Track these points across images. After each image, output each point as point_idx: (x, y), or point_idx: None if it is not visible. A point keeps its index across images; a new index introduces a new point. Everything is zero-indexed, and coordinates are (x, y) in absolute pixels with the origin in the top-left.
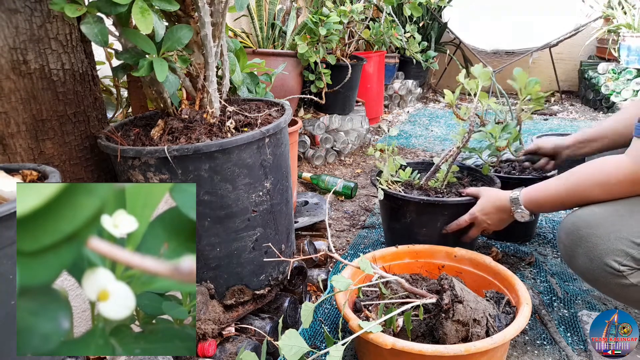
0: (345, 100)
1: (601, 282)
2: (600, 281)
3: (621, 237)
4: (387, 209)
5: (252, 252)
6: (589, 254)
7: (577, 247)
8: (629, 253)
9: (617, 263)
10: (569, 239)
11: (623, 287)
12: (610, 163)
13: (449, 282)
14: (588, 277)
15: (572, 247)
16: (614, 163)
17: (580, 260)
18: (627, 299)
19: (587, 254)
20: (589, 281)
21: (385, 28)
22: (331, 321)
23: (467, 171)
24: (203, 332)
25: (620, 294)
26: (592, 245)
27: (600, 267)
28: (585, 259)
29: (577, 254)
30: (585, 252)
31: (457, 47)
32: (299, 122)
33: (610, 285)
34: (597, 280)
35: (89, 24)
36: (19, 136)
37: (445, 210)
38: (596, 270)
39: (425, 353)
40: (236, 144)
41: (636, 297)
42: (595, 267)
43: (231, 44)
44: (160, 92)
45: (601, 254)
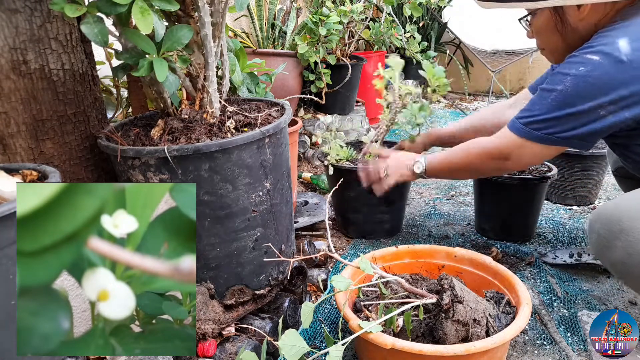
0: (345, 100)
1: (635, 276)
2: (634, 275)
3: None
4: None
5: (252, 252)
6: (628, 248)
7: (616, 239)
8: None
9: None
10: (606, 229)
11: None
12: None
13: (449, 282)
14: (621, 269)
15: (609, 238)
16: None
17: (617, 253)
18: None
19: (627, 247)
20: (620, 273)
21: (385, 28)
22: (331, 321)
23: (388, 145)
24: (203, 332)
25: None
26: (634, 240)
27: (639, 262)
28: (623, 252)
29: (614, 246)
30: (624, 246)
31: (457, 47)
32: (299, 122)
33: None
34: (632, 274)
35: (89, 24)
36: (19, 136)
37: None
38: (634, 265)
39: (425, 353)
40: (236, 144)
41: None
42: (634, 262)
43: (231, 44)
44: (160, 92)
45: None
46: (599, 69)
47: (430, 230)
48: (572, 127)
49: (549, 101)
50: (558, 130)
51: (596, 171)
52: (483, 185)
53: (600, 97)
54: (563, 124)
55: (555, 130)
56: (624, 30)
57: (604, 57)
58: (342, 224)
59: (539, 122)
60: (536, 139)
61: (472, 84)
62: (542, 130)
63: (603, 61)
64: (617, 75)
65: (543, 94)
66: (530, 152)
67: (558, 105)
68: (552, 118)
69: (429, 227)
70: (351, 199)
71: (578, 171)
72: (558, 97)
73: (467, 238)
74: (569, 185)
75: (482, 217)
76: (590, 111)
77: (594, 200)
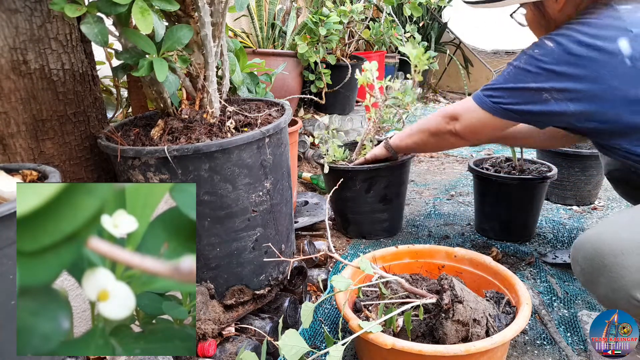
0: (345, 100)
1: (622, 309)
2: (621, 308)
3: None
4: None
5: (252, 252)
6: (612, 285)
7: (600, 275)
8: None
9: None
10: (588, 264)
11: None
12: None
13: (449, 282)
14: (609, 304)
15: (592, 274)
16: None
17: (602, 289)
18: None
19: (611, 284)
20: (608, 307)
21: (385, 28)
22: (331, 321)
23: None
24: (203, 332)
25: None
26: (617, 276)
27: (625, 298)
28: (608, 288)
29: (598, 282)
30: (608, 282)
31: (457, 47)
32: (299, 122)
33: (633, 314)
34: (617, 306)
35: (89, 24)
36: (19, 136)
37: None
38: (619, 300)
39: (425, 353)
40: (236, 144)
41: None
42: (619, 298)
43: (231, 44)
44: (160, 92)
45: (626, 286)
46: (549, 55)
47: (430, 230)
48: (517, 101)
49: (505, 74)
50: (505, 101)
51: (596, 171)
52: (483, 185)
53: (544, 81)
54: (510, 96)
55: (502, 101)
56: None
57: (557, 45)
58: (341, 224)
59: (493, 90)
60: (486, 106)
61: (472, 84)
62: (493, 98)
63: (555, 49)
64: (563, 66)
65: (506, 68)
66: (477, 117)
67: (510, 79)
68: (503, 88)
69: (429, 227)
70: (350, 199)
71: (578, 171)
72: (512, 71)
73: (467, 238)
74: (569, 185)
75: (482, 217)
76: (535, 91)
77: (594, 200)
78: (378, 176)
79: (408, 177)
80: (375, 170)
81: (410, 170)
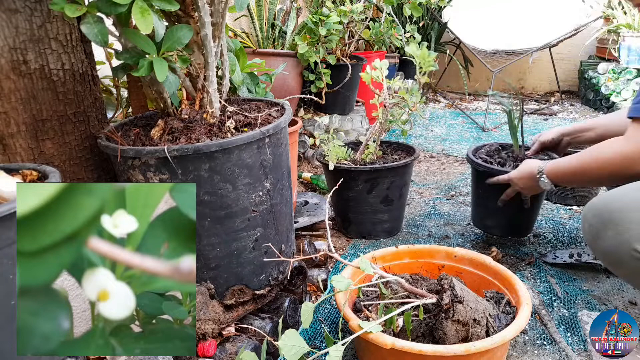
0: (345, 100)
1: (624, 265)
2: (624, 265)
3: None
4: (336, 180)
5: (252, 252)
6: (617, 237)
7: (606, 228)
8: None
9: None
10: (597, 219)
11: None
12: (607, 142)
13: (449, 282)
14: (611, 258)
15: (599, 228)
16: (610, 141)
17: (607, 242)
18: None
19: (616, 237)
20: (610, 262)
21: (385, 28)
22: (331, 321)
23: (386, 145)
24: (203, 332)
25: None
26: (623, 229)
27: (627, 251)
28: (613, 241)
29: (604, 235)
30: (613, 235)
31: (457, 47)
32: (299, 122)
33: (632, 269)
34: (619, 262)
35: (89, 24)
36: (19, 136)
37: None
38: (622, 254)
39: (425, 353)
40: (236, 144)
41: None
42: (622, 251)
43: (231, 44)
44: (160, 92)
45: (630, 239)
46: None
47: (430, 230)
48: None
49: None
50: None
51: None
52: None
53: None
54: None
55: None
56: None
57: None
58: (342, 224)
59: None
60: None
61: (472, 84)
62: None
63: None
64: None
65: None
66: None
67: None
68: None
69: (429, 227)
70: (351, 199)
71: None
72: None
73: (467, 238)
74: None
75: (480, 216)
76: None
77: None
78: (381, 177)
79: (410, 178)
80: (378, 171)
81: None
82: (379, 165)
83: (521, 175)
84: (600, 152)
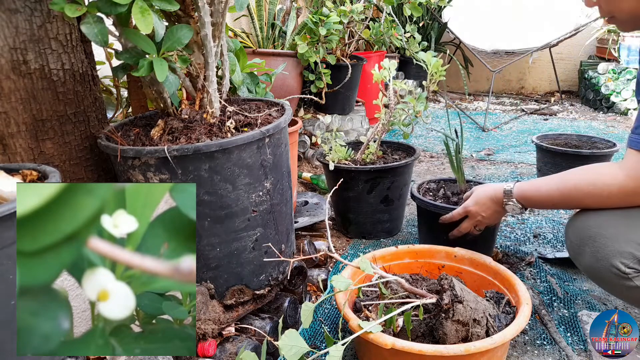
0: (345, 100)
1: (605, 281)
2: (604, 280)
3: (630, 240)
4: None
5: (252, 252)
6: (595, 254)
7: (585, 245)
8: (636, 256)
9: (623, 265)
10: (576, 236)
11: (627, 289)
12: (604, 176)
13: (449, 282)
14: (593, 275)
15: (579, 245)
16: (608, 176)
17: (587, 258)
18: (629, 299)
19: (594, 253)
20: (594, 279)
21: (385, 28)
22: (331, 321)
23: (387, 145)
24: (203, 332)
25: (624, 294)
26: (600, 246)
27: (606, 267)
28: (592, 258)
29: (584, 252)
30: (592, 252)
31: (457, 47)
32: (299, 122)
33: (614, 285)
34: (601, 279)
35: (89, 24)
36: (19, 136)
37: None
38: (602, 270)
39: (425, 353)
40: (236, 144)
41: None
42: (601, 267)
43: (231, 44)
44: (160, 92)
45: (608, 255)
46: None
47: None
48: None
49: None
50: None
51: None
52: (424, 220)
53: None
54: None
55: None
56: None
57: None
58: (342, 224)
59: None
60: None
61: (472, 84)
62: None
63: None
64: None
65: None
66: None
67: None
68: None
69: None
70: (351, 199)
71: None
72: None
73: None
74: None
75: None
76: None
77: None
78: (381, 177)
79: (410, 178)
80: (378, 171)
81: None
82: (379, 166)
83: (481, 203)
84: (594, 185)
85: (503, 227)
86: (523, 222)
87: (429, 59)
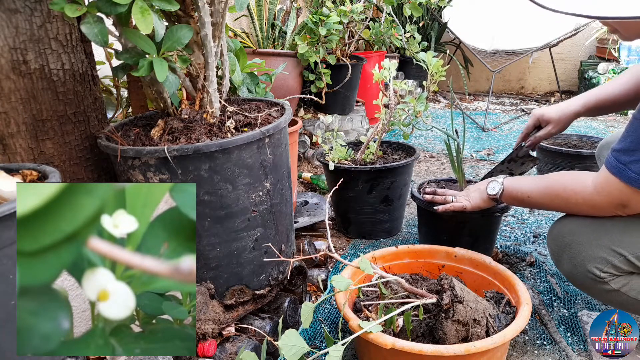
0: (345, 100)
1: (585, 286)
2: (584, 285)
3: (602, 244)
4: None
5: (252, 252)
6: (572, 261)
7: (562, 253)
8: (609, 260)
9: (598, 270)
10: (555, 244)
11: (607, 292)
12: (576, 182)
13: (449, 282)
14: (573, 281)
15: (558, 252)
16: (579, 184)
17: (566, 265)
18: (610, 302)
19: (571, 260)
20: (575, 285)
21: (385, 28)
22: (331, 321)
23: (387, 145)
24: (203, 332)
25: (604, 297)
26: (576, 252)
27: (583, 273)
28: (570, 265)
29: (562, 259)
30: (569, 259)
31: (457, 47)
32: (299, 122)
33: (593, 289)
34: (582, 284)
35: (89, 24)
36: (19, 136)
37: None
38: (580, 276)
39: (425, 353)
40: (236, 144)
41: (619, 300)
42: (579, 273)
43: (231, 44)
44: (160, 92)
45: (583, 260)
46: None
47: None
48: None
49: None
50: None
51: (596, 171)
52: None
53: None
54: None
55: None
56: None
57: None
58: (342, 224)
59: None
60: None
61: (472, 84)
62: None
63: None
64: None
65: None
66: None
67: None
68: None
69: None
70: (351, 199)
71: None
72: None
73: None
74: None
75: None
76: None
77: None
78: (381, 177)
79: (410, 178)
80: (378, 171)
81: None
82: (379, 166)
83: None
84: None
85: (503, 227)
86: (523, 222)
87: (429, 59)
